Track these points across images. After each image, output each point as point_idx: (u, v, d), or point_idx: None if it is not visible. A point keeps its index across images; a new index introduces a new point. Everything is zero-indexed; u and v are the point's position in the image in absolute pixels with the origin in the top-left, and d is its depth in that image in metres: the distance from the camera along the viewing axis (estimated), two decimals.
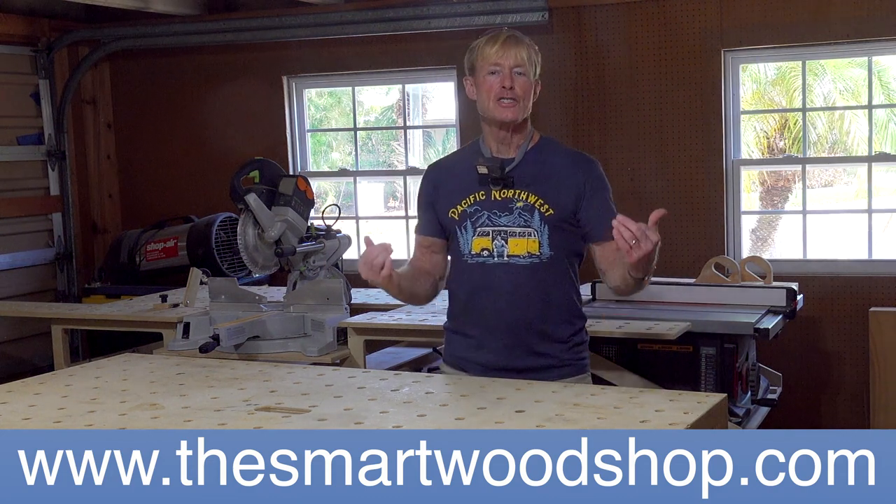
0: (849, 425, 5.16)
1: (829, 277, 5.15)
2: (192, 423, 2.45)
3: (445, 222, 2.98)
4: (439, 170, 3.10)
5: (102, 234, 6.70)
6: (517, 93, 2.88)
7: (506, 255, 2.90)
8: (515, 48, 2.88)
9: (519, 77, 2.88)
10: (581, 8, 5.44)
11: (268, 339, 4.10)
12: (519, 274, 2.90)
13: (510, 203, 2.90)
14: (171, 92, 6.52)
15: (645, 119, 5.38)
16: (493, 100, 2.90)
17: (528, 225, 2.89)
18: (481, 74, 2.92)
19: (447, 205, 2.97)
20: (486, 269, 2.92)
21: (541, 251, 2.89)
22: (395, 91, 8.76)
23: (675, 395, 2.58)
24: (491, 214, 2.91)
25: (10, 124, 6.24)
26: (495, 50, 2.88)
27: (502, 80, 2.87)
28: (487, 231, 2.92)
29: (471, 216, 2.93)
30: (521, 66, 2.88)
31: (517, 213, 2.90)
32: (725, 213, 5.29)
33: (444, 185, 3.01)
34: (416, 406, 2.57)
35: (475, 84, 2.96)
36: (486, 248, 2.92)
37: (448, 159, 3.18)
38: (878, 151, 5.48)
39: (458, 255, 2.98)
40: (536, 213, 2.89)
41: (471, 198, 2.94)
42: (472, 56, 2.95)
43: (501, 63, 2.87)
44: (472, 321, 2.97)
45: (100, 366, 3.23)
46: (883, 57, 5.57)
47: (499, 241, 2.91)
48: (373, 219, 6.50)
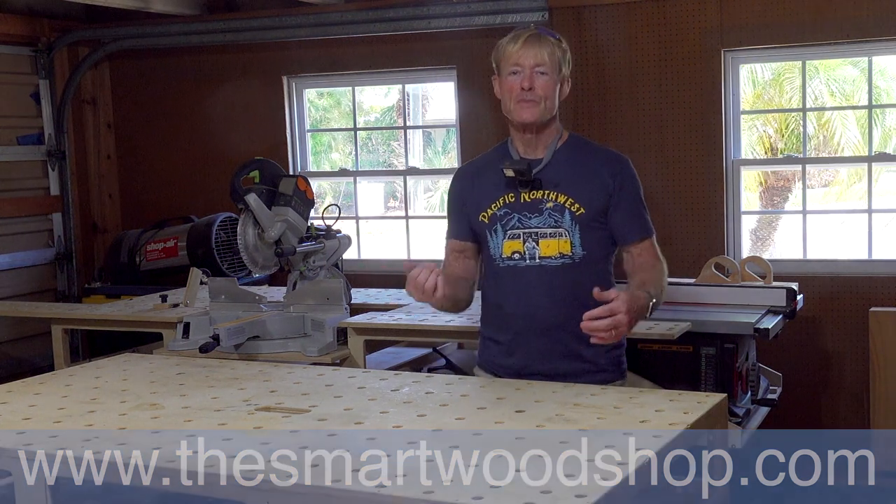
0: (849, 425, 5.16)
1: (829, 277, 5.15)
2: (192, 423, 2.45)
3: (476, 226, 2.94)
4: (468, 174, 3.05)
5: (102, 234, 6.70)
6: (538, 93, 2.83)
7: (537, 257, 2.86)
8: (537, 47, 2.83)
9: (540, 77, 2.83)
10: (581, 8, 5.44)
11: (268, 339, 4.10)
12: (552, 276, 2.86)
13: (540, 204, 2.86)
14: (171, 92, 6.52)
15: (645, 119, 5.38)
16: (514, 101, 2.85)
17: (559, 225, 2.85)
18: (504, 74, 2.88)
19: (477, 209, 2.93)
20: (518, 273, 2.88)
21: (573, 251, 2.85)
22: (395, 91, 8.78)
23: (675, 395, 2.59)
24: (521, 217, 2.87)
25: (10, 124, 6.24)
26: (516, 49, 2.84)
27: (522, 81, 2.83)
28: (518, 234, 2.88)
29: (501, 219, 2.89)
30: (543, 65, 2.83)
31: (547, 213, 2.86)
32: (725, 213, 5.29)
33: (473, 189, 2.97)
34: (416, 406, 2.58)
35: (500, 84, 2.92)
36: (517, 251, 2.88)
37: (477, 162, 3.11)
38: (878, 151, 5.47)
39: (490, 260, 2.94)
40: (567, 212, 2.85)
41: (500, 201, 2.90)
42: (496, 55, 2.91)
43: (522, 63, 2.83)
44: (505, 326, 2.93)
45: (100, 366, 3.23)
46: (883, 57, 5.57)
47: (530, 243, 2.87)
48: (373, 219, 6.49)
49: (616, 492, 1.90)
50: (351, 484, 1.95)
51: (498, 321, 2.95)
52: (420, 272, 2.70)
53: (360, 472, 2.01)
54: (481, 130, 5.66)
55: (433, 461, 2.07)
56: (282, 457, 2.14)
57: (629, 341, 4.02)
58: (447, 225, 3.05)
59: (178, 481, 2.12)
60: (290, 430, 2.35)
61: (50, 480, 2.26)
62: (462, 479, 1.95)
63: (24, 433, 2.41)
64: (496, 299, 2.95)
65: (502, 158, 2.93)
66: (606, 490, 1.88)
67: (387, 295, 4.87)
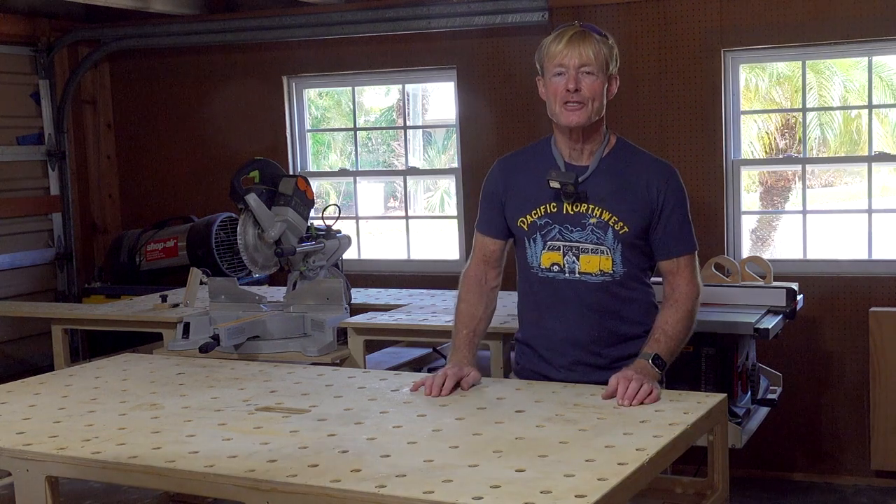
0: (849, 425, 5.16)
1: (829, 277, 5.15)
2: (192, 423, 2.45)
3: (514, 229, 2.89)
4: (510, 169, 2.93)
5: (102, 234, 6.70)
6: (584, 95, 2.74)
7: (577, 272, 2.80)
8: (581, 46, 2.74)
9: (586, 77, 2.74)
10: (581, 8, 5.43)
11: (268, 339, 4.10)
12: (590, 292, 2.80)
13: (583, 218, 2.79)
14: (171, 92, 6.52)
15: (645, 119, 5.38)
16: (560, 104, 2.75)
17: (601, 242, 2.78)
18: (548, 75, 2.78)
19: (517, 212, 2.87)
20: (556, 286, 2.83)
21: (613, 269, 2.80)
22: (395, 91, 8.77)
23: (675, 395, 2.59)
24: (562, 229, 2.81)
25: (10, 124, 6.23)
26: (560, 48, 2.74)
27: (567, 83, 2.73)
28: (558, 246, 2.81)
29: (541, 229, 2.83)
30: (589, 64, 2.74)
31: (590, 229, 2.78)
32: (725, 213, 5.29)
33: (514, 188, 2.89)
34: (415, 406, 2.58)
35: (545, 85, 2.82)
36: (556, 264, 2.82)
37: (519, 157, 2.97)
38: (879, 151, 5.47)
39: (527, 266, 2.89)
40: (610, 230, 2.78)
41: (541, 209, 2.82)
42: (540, 55, 2.82)
43: (566, 63, 2.74)
44: (543, 336, 2.89)
45: (100, 366, 3.23)
46: (883, 57, 5.57)
47: (570, 256, 2.80)
48: (373, 219, 6.49)
49: (616, 492, 1.90)
50: (351, 484, 1.95)
51: (535, 330, 2.91)
52: (444, 380, 2.67)
53: (360, 473, 2.01)
54: (481, 130, 5.66)
55: (433, 461, 2.07)
56: (282, 457, 2.14)
57: None
58: (480, 213, 2.97)
59: (179, 481, 2.12)
60: (290, 430, 2.35)
61: (50, 480, 2.26)
62: (462, 479, 1.95)
63: (24, 433, 2.41)
64: (534, 308, 2.90)
65: (547, 160, 2.84)
66: (606, 490, 1.88)
67: (387, 295, 4.87)
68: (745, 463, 5.11)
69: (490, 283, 2.95)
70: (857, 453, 5.14)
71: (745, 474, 5.17)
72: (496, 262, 2.95)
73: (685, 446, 2.30)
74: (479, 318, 2.91)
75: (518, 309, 3.00)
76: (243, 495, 2.02)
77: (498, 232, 2.93)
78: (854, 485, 5.14)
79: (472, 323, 2.90)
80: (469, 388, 2.71)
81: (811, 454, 5.26)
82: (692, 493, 2.70)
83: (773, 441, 5.13)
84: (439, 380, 2.68)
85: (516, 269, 2.99)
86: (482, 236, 2.96)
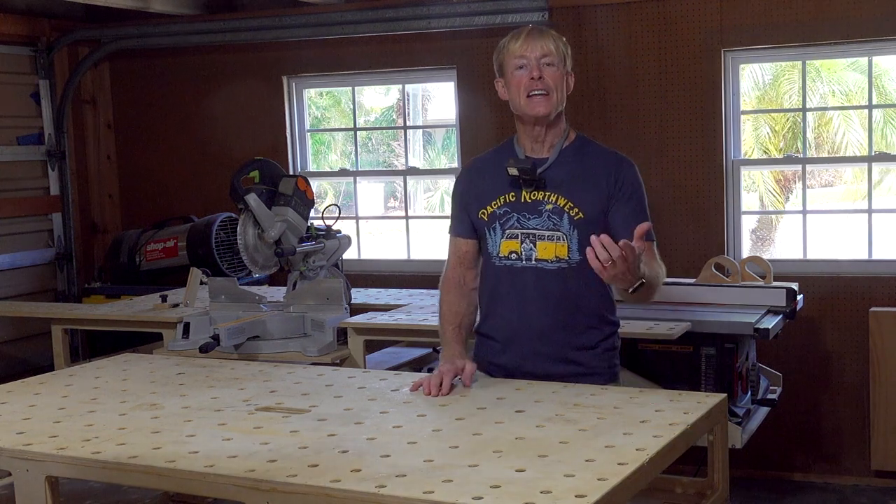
0: (849, 425, 5.16)
1: (829, 277, 5.14)
2: (192, 423, 2.45)
3: (476, 223, 2.93)
4: (473, 169, 3.03)
5: (102, 234, 6.70)
6: (547, 83, 2.80)
7: (534, 258, 2.84)
8: (541, 39, 2.82)
9: (548, 68, 2.81)
10: (581, 8, 5.43)
11: (268, 339, 4.10)
12: (547, 279, 2.83)
13: (539, 205, 2.84)
14: (171, 92, 6.52)
15: (645, 119, 5.38)
16: (524, 95, 2.81)
17: (557, 228, 2.82)
18: (509, 71, 2.84)
19: (478, 205, 2.92)
20: (514, 273, 2.87)
21: (569, 255, 2.82)
22: (395, 91, 8.78)
23: (675, 395, 2.59)
24: (520, 217, 2.85)
25: (10, 124, 6.23)
26: (520, 44, 2.81)
27: (531, 72, 2.80)
28: (516, 234, 2.86)
29: (500, 218, 2.88)
30: (549, 55, 2.81)
31: (546, 215, 2.83)
32: (725, 213, 5.29)
33: (476, 185, 2.96)
34: (415, 406, 2.58)
35: (506, 83, 2.88)
36: (514, 251, 2.86)
37: (482, 159, 3.08)
38: (879, 151, 5.47)
39: (487, 257, 2.93)
40: (566, 216, 2.82)
41: (500, 199, 2.88)
42: (499, 56, 2.89)
43: (527, 55, 2.80)
44: (499, 325, 2.92)
45: (100, 366, 3.23)
46: (882, 57, 5.57)
47: (527, 244, 2.85)
48: (373, 219, 6.49)
49: (616, 492, 1.90)
50: (351, 484, 1.95)
51: (493, 320, 2.95)
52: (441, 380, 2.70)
53: (360, 473, 2.01)
54: (481, 130, 5.66)
55: (433, 461, 2.07)
56: (282, 457, 2.14)
57: (629, 342, 4.05)
58: (451, 220, 3.05)
59: (179, 481, 2.12)
60: (290, 430, 2.35)
61: (50, 480, 2.26)
62: (462, 479, 1.95)
63: (24, 433, 2.41)
64: (492, 298, 2.94)
65: (508, 156, 2.90)
66: (606, 490, 1.88)
67: (387, 295, 4.87)
68: (745, 463, 5.11)
69: (469, 285, 3.00)
70: (857, 453, 5.14)
71: (745, 474, 5.16)
72: (472, 263, 3.00)
73: (685, 446, 2.30)
74: (462, 313, 2.96)
75: (478, 299, 3.02)
76: (243, 495, 2.02)
77: (468, 232, 2.98)
78: (854, 485, 5.14)
79: (457, 319, 2.95)
80: (471, 383, 2.72)
81: (811, 454, 5.25)
82: (692, 493, 2.70)
83: (773, 441, 5.13)
84: (436, 380, 2.69)
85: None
86: (454, 238, 3.02)
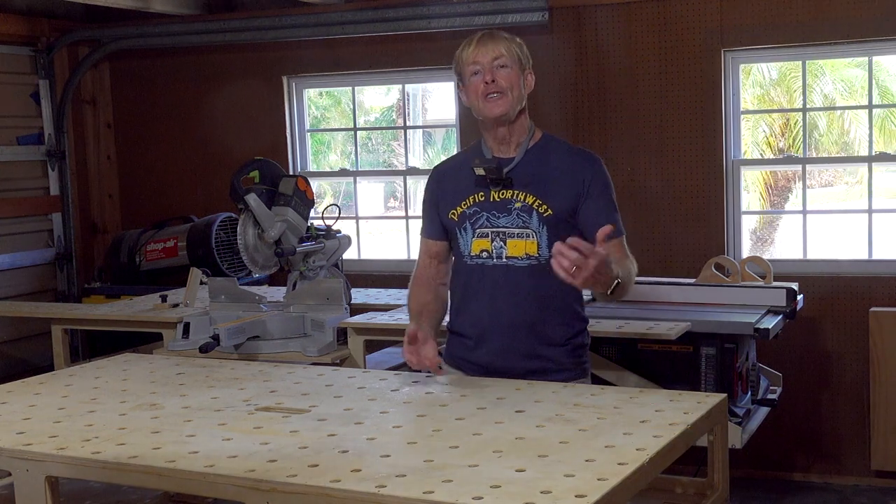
0: (849, 425, 5.16)
1: (829, 277, 5.15)
2: (192, 423, 2.45)
3: (446, 223, 2.99)
4: (442, 172, 3.10)
5: (102, 234, 6.70)
6: (501, 85, 2.87)
7: (504, 256, 2.89)
8: (492, 43, 2.89)
9: (501, 70, 2.88)
10: (581, 8, 5.43)
11: (268, 339, 4.10)
12: (517, 275, 2.88)
13: (508, 204, 2.89)
14: (171, 92, 6.52)
15: (645, 119, 5.38)
16: (482, 98, 2.89)
17: (527, 226, 2.87)
18: (467, 78, 2.93)
19: (448, 206, 2.98)
20: (486, 271, 2.91)
21: (539, 252, 2.87)
22: (395, 91, 8.78)
23: (675, 395, 2.59)
24: (490, 216, 2.91)
25: (10, 124, 6.23)
26: (472, 50, 2.90)
27: (484, 76, 2.87)
28: (486, 232, 2.91)
29: (470, 217, 2.93)
30: (500, 57, 2.88)
31: (515, 213, 2.88)
32: (725, 213, 5.29)
33: (445, 187, 3.02)
34: (415, 406, 2.58)
35: (465, 91, 2.96)
36: (485, 250, 2.91)
37: (451, 161, 3.18)
38: (879, 151, 5.47)
39: (459, 256, 2.98)
40: (535, 213, 2.87)
41: (470, 199, 2.94)
42: (456, 66, 2.99)
43: (480, 61, 2.88)
44: (470, 322, 2.97)
45: (100, 366, 3.23)
46: (882, 57, 5.57)
47: (498, 242, 2.90)
48: (373, 219, 6.49)
49: (616, 492, 1.90)
50: (351, 484, 1.95)
51: (464, 317, 2.99)
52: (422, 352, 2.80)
53: (360, 473, 2.01)
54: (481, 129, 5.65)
55: (433, 461, 2.07)
56: (282, 457, 2.14)
57: (628, 342, 4.05)
58: (422, 222, 3.10)
59: (179, 481, 2.12)
60: (290, 430, 2.35)
61: (50, 480, 2.26)
62: (462, 479, 1.95)
63: (24, 433, 2.41)
64: (464, 296, 2.98)
65: (475, 157, 2.97)
66: (606, 490, 1.87)
67: (387, 295, 4.87)
68: (745, 463, 5.11)
69: (438, 280, 3.05)
70: (857, 453, 5.14)
71: (745, 474, 5.17)
72: (443, 260, 3.05)
73: (685, 446, 2.30)
74: (429, 301, 3.01)
75: (450, 298, 3.07)
76: (243, 495, 2.02)
77: (439, 233, 3.03)
78: (854, 485, 5.14)
79: (421, 306, 3.00)
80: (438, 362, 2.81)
81: (811, 454, 5.26)
82: (692, 493, 2.70)
83: (773, 441, 5.13)
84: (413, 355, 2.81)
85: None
86: (425, 240, 3.08)
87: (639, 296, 4.53)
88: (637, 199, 5.37)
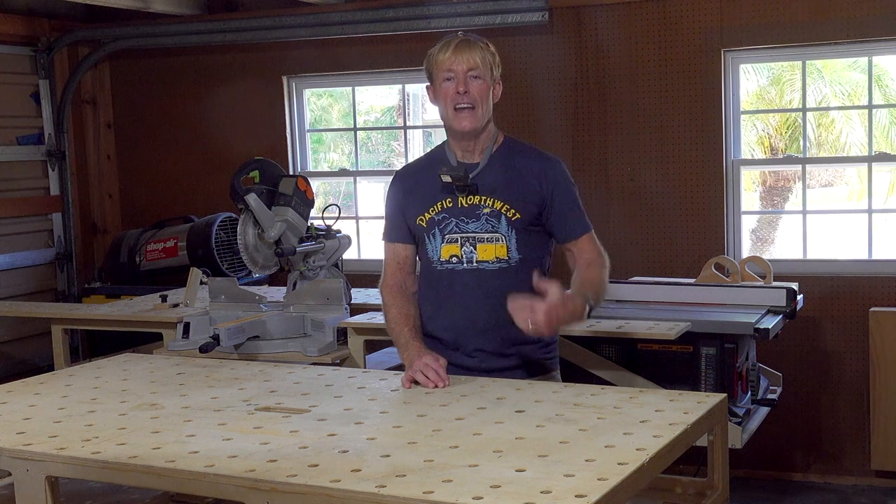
0: (849, 425, 5.16)
1: (829, 277, 5.15)
2: (192, 423, 2.45)
3: (414, 229, 3.01)
4: (407, 176, 3.11)
5: (102, 234, 6.70)
6: (473, 97, 2.89)
7: (475, 260, 2.94)
8: (468, 52, 2.89)
9: (474, 81, 2.90)
10: (581, 8, 5.43)
11: (268, 339, 4.10)
12: (488, 279, 2.93)
13: (477, 209, 2.93)
14: (172, 92, 6.52)
15: (645, 119, 5.38)
16: (451, 107, 2.91)
17: (496, 230, 2.92)
18: (437, 81, 2.94)
19: (415, 212, 3.00)
20: (456, 276, 2.95)
21: (509, 255, 2.93)
22: (395, 91, 8.77)
23: (675, 395, 2.59)
24: (459, 221, 2.95)
25: (10, 124, 6.23)
26: (448, 56, 2.90)
27: (457, 86, 2.89)
28: (456, 238, 2.95)
29: (439, 223, 2.96)
30: (475, 68, 2.89)
31: (484, 219, 2.93)
32: (725, 213, 5.29)
33: (411, 192, 3.04)
34: (415, 406, 2.58)
35: (434, 92, 2.97)
36: (455, 255, 2.95)
37: (415, 165, 3.19)
38: (878, 151, 5.47)
39: (428, 262, 3.01)
40: (503, 218, 2.92)
41: (438, 205, 2.97)
42: (428, 64, 2.98)
43: (455, 69, 2.89)
44: (444, 326, 3.00)
45: (100, 366, 3.23)
46: (882, 57, 5.57)
47: (467, 247, 2.94)
48: (373, 219, 6.49)
49: (616, 492, 1.90)
50: (351, 484, 1.95)
51: (438, 321, 3.01)
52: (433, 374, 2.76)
53: (360, 472, 2.01)
54: None
55: (433, 461, 2.07)
56: (282, 457, 2.14)
57: (628, 342, 4.06)
58: (385, 226, 3.11)
59: (179, 481, 2.12)
60: (290, 430, 2.35)
61: (50, 480, 2.26)
62: (462, 479, 1.95)
63: (24, 433, 2.41)
64: (436, 301, 3.01)
65: (440, 162, 2.99)
66: (606, 490, 1.87)
67: None
68: (745, 463, 5.11)
69: (410, 289, 3.07)
70: (857, 453, 5.14)
71: (745, 474, 5.17)
72: (411, 268, 3.08)
73: (685, 446, 2.30)
74: (413, 315, 3.02)
75: (421, 302, 3.07)
76: (243, 495, 2.02)
77: (406, 237, 3.05)
78: (854, 485, 5.14)
79: (409, 321, 3.00)
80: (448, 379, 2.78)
81: (811, 454, 5.26)
82: (692, 493, 2.70)
83: (773, 441, 5.13)
84: (432, 374, 2.75)
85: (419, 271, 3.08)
86: (391, 244, 3.09)
87: (639, 296, 4.54)
88: (637, 198, 5.37)
